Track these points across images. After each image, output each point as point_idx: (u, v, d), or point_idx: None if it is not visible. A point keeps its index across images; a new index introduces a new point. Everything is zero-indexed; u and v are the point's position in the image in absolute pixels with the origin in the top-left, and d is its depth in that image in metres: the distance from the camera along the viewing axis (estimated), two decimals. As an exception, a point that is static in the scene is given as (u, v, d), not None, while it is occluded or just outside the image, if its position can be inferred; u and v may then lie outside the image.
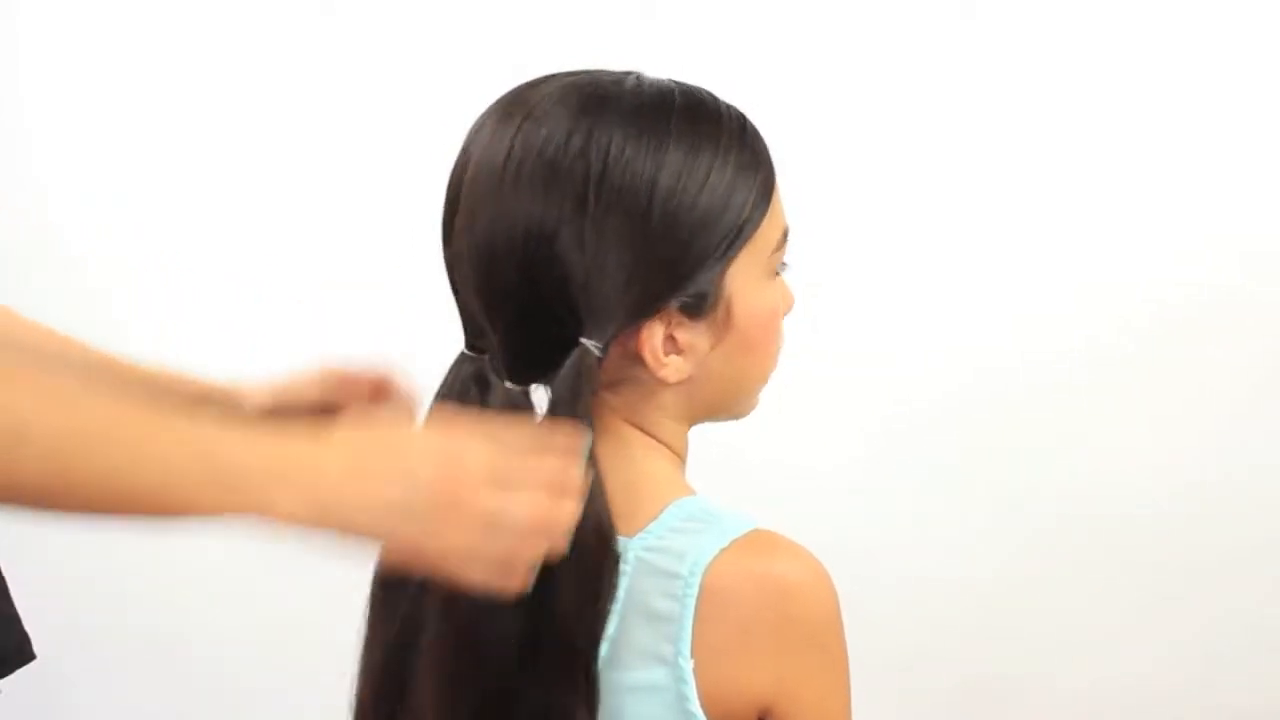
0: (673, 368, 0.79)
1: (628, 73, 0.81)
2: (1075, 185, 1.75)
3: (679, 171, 0.76)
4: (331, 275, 1.93)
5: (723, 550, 0.77)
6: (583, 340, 0.76)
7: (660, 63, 0.91)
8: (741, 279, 0.80)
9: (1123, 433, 1.76)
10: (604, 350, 0.77)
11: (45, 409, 0.62)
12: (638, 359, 0.79)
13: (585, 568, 0.75)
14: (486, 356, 0.81)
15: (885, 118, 1.78)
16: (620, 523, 0.77)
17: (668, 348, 0.79)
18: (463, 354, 0.83)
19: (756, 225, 0.80)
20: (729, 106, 0.82)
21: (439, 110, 0.91)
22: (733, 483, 1.02)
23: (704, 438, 0.90)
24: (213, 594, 2.00)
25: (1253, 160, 1.71)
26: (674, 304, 0.78)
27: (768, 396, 0.88)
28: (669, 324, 0.79)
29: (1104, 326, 1.75)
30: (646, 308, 0.77)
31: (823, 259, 1.78)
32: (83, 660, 2.02)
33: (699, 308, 0.79)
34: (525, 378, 0.79)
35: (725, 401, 0.86)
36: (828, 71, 1.78)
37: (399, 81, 1.90)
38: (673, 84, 0.81)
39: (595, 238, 0.75)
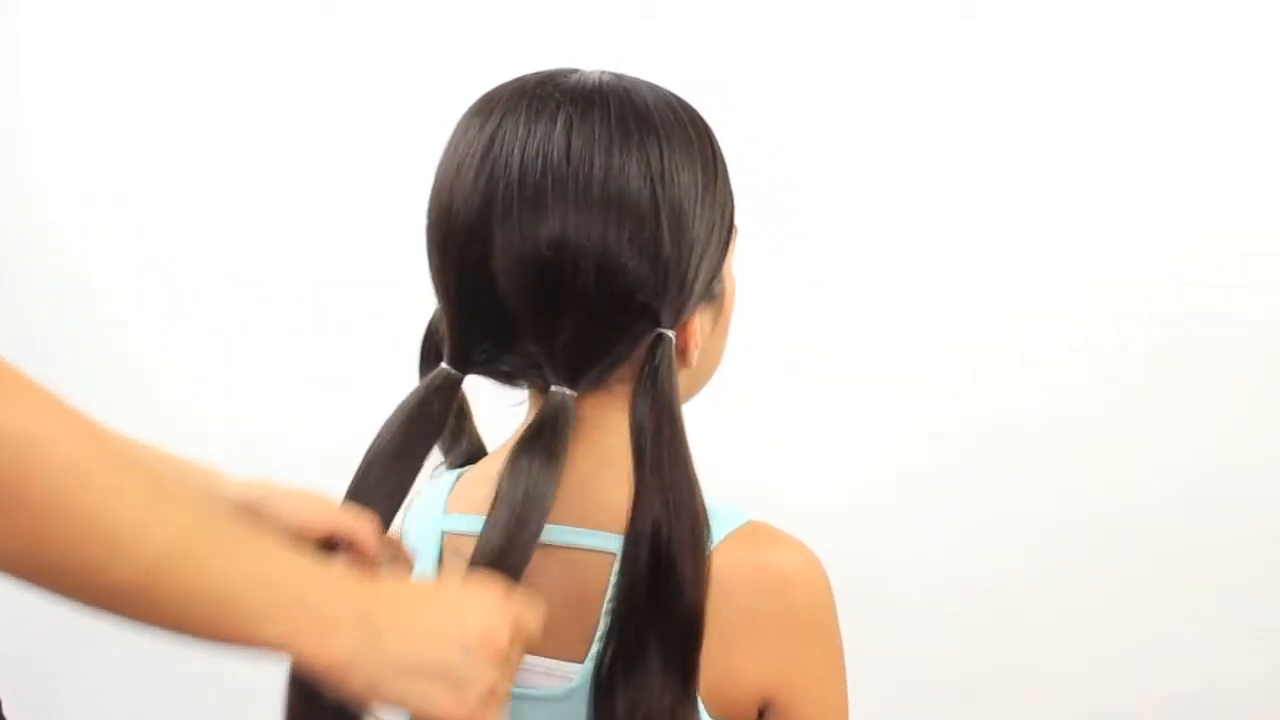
0: (696, 352, 0.82)
1: (607, 72, 0.82)
2: (1075, 185, 1.75)
3: (705, 170, 0.80)
4: (331, 275, 1.93)
5: (720, 543, 0.77)
6: (664, 332, 0.78)
7: (660, 63, 0.92)
8: (727, 262, 0.85)
9: (1122, 432, 1.76)
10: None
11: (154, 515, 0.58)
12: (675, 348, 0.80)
13: (696, 560, 0.75)
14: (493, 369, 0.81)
15: (885, 118, 1.78)
16: (621, 519, 0.77)
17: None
18: (447, 372, 0.81)
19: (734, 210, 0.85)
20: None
21: (439, 110, 0.91)
22: (731, 480, 1.02)
23: (703, 432, 0.90)
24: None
25: (1252, 160, 1.71)
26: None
27: (767, 396, 0.88)
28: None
29: (1104, 326, 1.75)
30: (703, 299, 0.81)
31: (823, 259, 1.79)
32: (82, 661, 2.02)
33: (714, 293, 0.83)
34: (574, 381, 0.78)
35: (704, 381, 0.88)
36: (828, 71, 1.78)
37: (399, 81, 1.90)
38: (655, 85, 0.83)
39: (665, 239, 0.77)
